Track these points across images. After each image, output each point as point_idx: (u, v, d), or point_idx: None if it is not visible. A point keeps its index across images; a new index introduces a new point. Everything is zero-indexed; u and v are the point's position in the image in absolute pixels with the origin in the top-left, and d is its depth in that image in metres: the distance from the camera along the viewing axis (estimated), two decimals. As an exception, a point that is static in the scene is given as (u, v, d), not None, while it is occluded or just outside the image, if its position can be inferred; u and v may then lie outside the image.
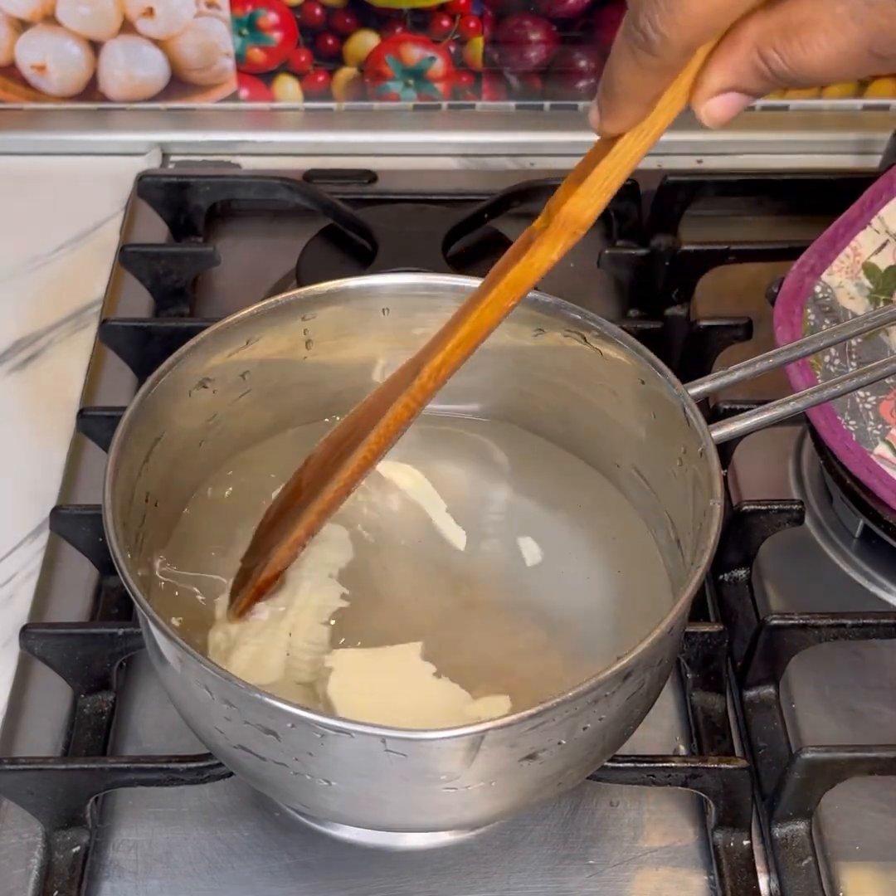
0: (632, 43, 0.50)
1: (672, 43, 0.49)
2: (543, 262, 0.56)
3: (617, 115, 0.54)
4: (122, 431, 0.61)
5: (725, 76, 0.51)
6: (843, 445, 0.73)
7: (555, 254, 0.56)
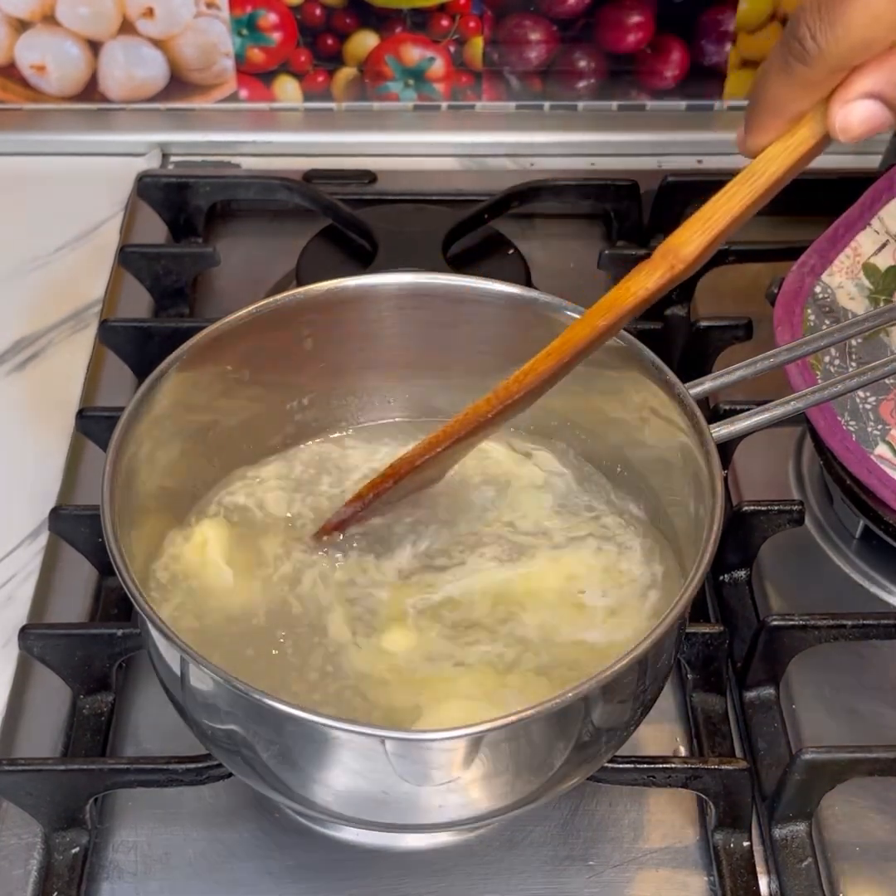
0: (787, 52, 0.52)
1: (827, 55, 0.50)
2: (638, 288, 0.58)
3: (760, 128, 0.55)
4: (121, 432, 0.61)
5: (876, 79, 0.51)
6: (843, 446, 0.73)
7: (651, 282, 0.58)
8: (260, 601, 0.65)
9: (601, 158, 1.04)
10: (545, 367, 0.61)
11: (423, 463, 0.64)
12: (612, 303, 0.59)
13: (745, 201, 0.56)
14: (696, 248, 0.57)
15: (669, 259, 0.57)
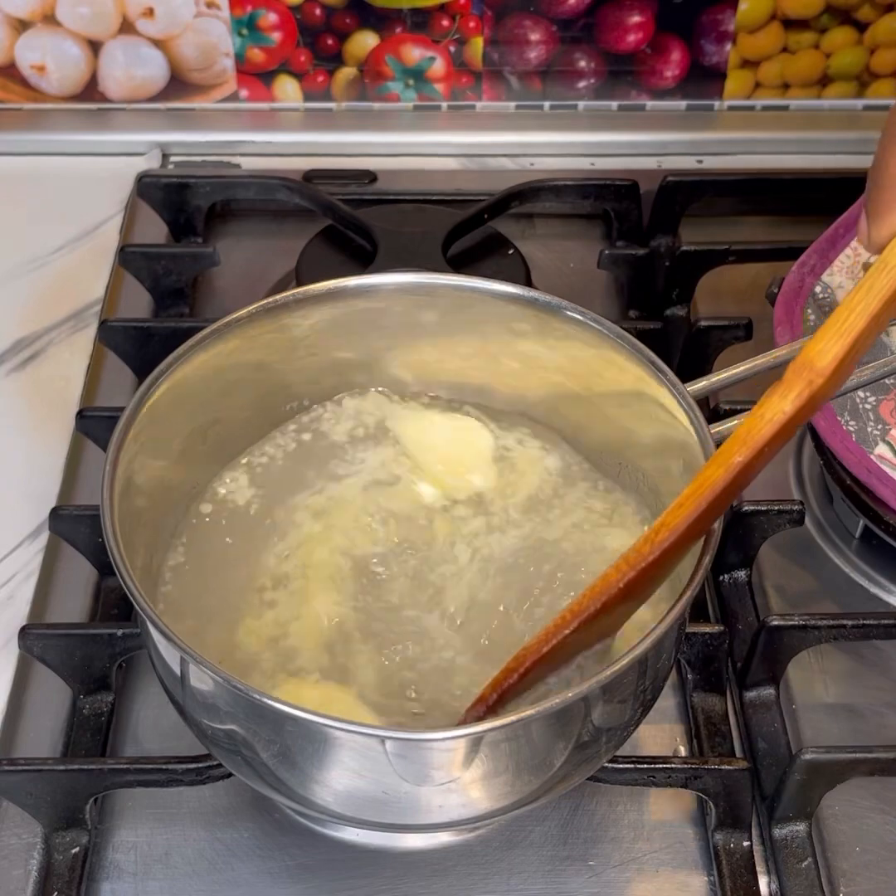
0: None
1: None
2: (775, 412, 0.51)
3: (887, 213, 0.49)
4: (121, 432, 0.61)
5: None
6: (843, 446, 0.73)
7: (787, 403, 0.51)
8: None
9: (601, 158, 1.04)
10: (678, 520, 0.53)
11: (549, 650, 0.55)
12: (747, 435, 0.52)
13: (883, 295, 0.50)
14: (835, 358, 0.50)
15: (805, 375, 0.51)
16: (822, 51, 1.04)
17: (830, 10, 1.02)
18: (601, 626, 0.56)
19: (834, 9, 1.01)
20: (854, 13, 1.02)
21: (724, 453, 0.52)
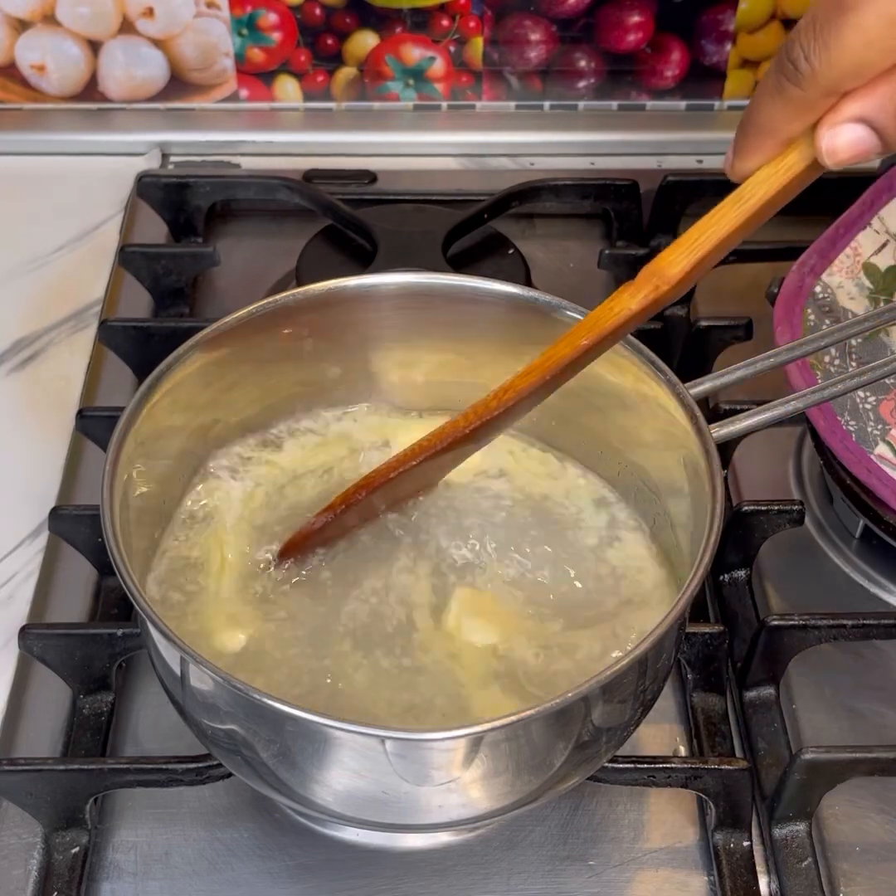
0: (780, 73, 0.51)
1: (821, 77, 0.50)
2: (622, 308, 0.58)
3: (750, 150, 0.55)
4: (121, 431, 0.61)
5: (865, 104, 0.51)
6: (843, 446, 0.73)
7: (634, 303, 0.57)
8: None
9: (601, 158, 1.04)
10: (525, 384, 0.60)
11: (396, 476, 0.64)
12: (595, 322, 0.59)
13: (732, 224, 0.55)
14: (682, 270, 0.56)
15: (654, 280, 0.57)
16: (822, 51, 1.04)
17: (830, 10, 1.02)
18: (436, 466, 0.65)
19: (834, 9, 1.01)
20: (854, 13, 1.02)
21: (573, 335, 0.59)
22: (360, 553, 0.66)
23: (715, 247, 0.56)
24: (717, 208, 0.56)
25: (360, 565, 0.66)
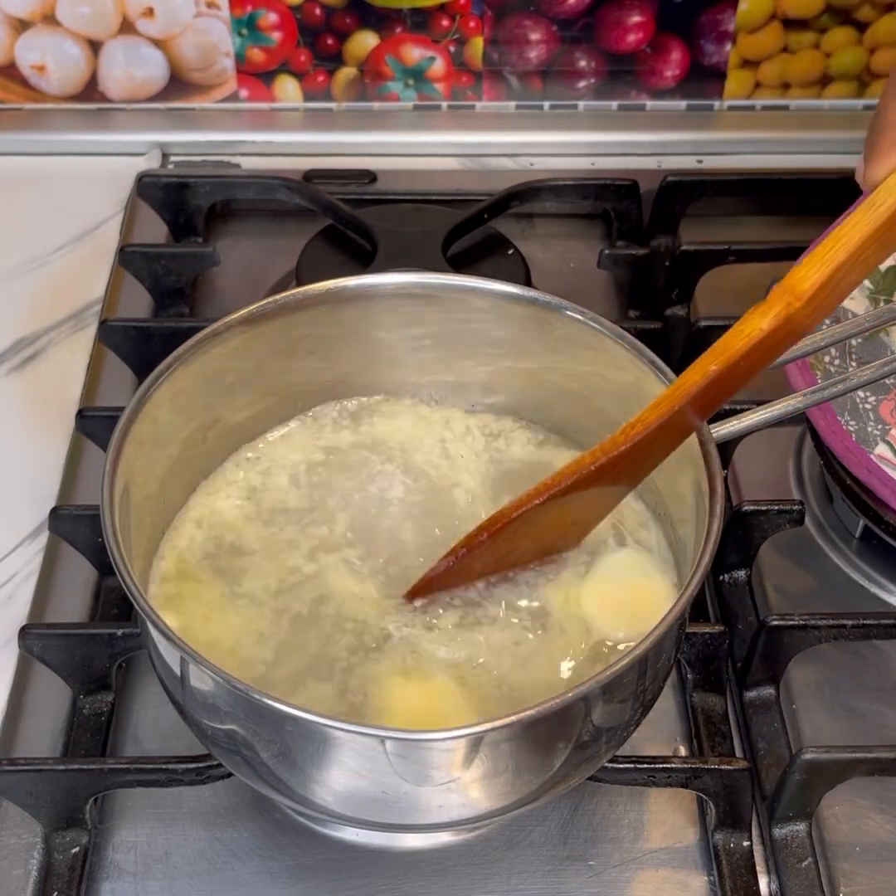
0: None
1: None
2: (752, 328, 0.55)
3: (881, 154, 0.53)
4: (121, 431, 0.61)
5: None
6: (843, 446, 0.73)
7: (765, 323, 0.54)
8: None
9: (601, 158, 1.04)
10: (653, 417, 0.57)
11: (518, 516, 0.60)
12: (725, 346, 0.55)
13: (864, 232, 0.52)
14: (813, 284, 0.53)
15: (786, 297, 0.54)
16: (822, 51, 1.04)
17: (830, 10, 1.02)
18: (570, 510, 0.60)
19: (834, 9, 1.01)
20: (854, 13, 1.02)
21: (701, 362, 0.56)
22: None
23: (849, 257, 0.53)
24: (849, 218, 0.53)
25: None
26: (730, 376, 0.56)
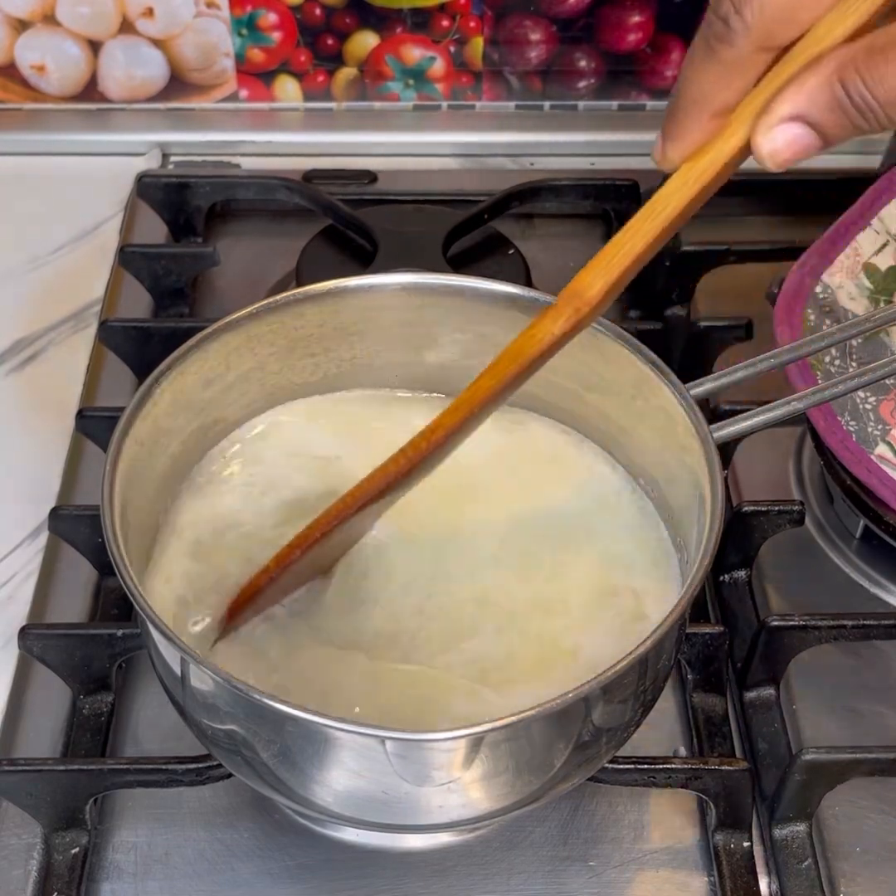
0: (709, 35, 0.50)
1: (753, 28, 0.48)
2: (545, 333, 0.56)
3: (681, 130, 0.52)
4: (121, 432, 0.61)
5: (797, 101, 0.49)
6: (843, 446, 0.73)
7: (556, 327, 0.56)
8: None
9: (601, 158, 1.04)
10: (453, 421, 0.58)
11: (332, 530, 0.61)
12: (518, 351, 0.57)
13: (646, 239, 0.54)
14: (600, 291, 0.56)
15: (574, 303, 0.56)
16: (823, 51, 1.04)
17: (830, 10, 1.01)
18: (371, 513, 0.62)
19: (834, 9, 1.01)
20: (854, 13, 1.02)
21: (497, 366, 0.57)
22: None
23: (632, 262, 0.55)
24: (630, 224, 0.55)
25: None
26: (522, 377, 0.58)
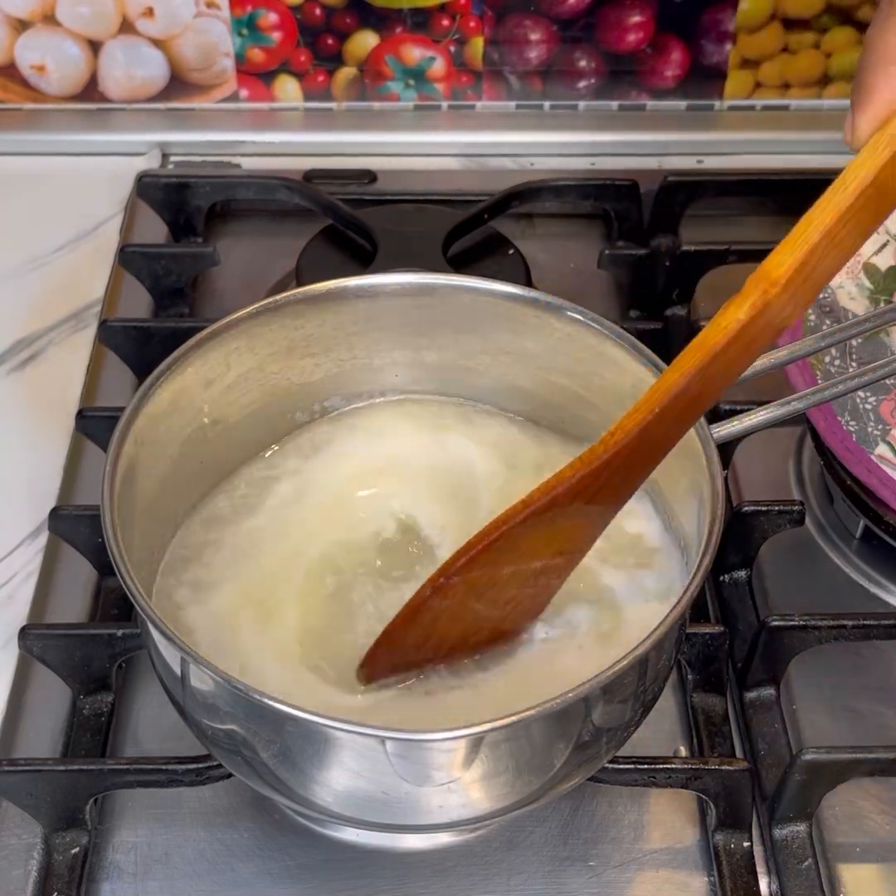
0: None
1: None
2: (729, 321, 0.52)
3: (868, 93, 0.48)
4: (121, 432, 0.61)
5: None
6: (843, 446, 0.73)
7: (741, 312, 0.51)
8: None
9: (601, 158, 1.04)
10: (633, 423, 0.53)
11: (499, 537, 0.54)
12: (702, 342, 0.52)
13: (836, 211, 0.50)
14: (789, 269, 0.51)
15: (761, 285, 0.51)
16: (823, 51, 1.04)
17: (831, 10, 1.02)
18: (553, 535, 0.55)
19: (834, 9, 1.01)
20: (854, 13, 1.02)
21: (680, 360, 0.52)
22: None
23: (822, 237, 0.51)
24: (820, 199, 0.51)
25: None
26: (711, 374, 0.53)
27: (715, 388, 0.54)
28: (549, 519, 0.55)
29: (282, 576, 0.66)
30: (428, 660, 0.59)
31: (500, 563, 0.56)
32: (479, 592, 0.57)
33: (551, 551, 0.57)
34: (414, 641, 0.58)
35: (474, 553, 0.55)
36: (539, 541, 0.56)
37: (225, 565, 0.66)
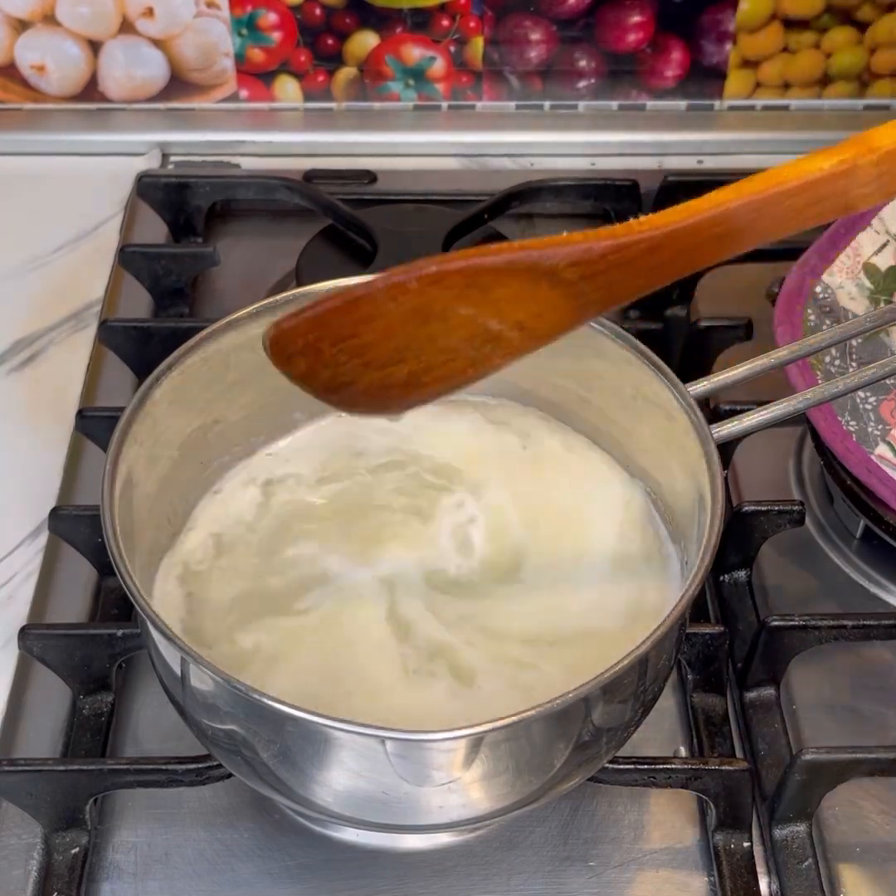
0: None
1: None
2: (812, 165, 0.47)
3: None
4: (121, 432, 0.61)
5: None
6: (844, 446, 0.73)
7: (826, 163, 0.47)
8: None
9: (601, 158, 1.04)
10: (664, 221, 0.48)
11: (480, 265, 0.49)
12: (772, 176, 0.47)
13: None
14: (893, 143, 0.46)
15: (858, 147, 0.47)
16: (823, 51, 1.04)
17: (831, 10, 1.02)
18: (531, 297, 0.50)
19: (834, 9, 1.01)
20: (854, 13, 1.02)
21: (742, 184, 0.48)
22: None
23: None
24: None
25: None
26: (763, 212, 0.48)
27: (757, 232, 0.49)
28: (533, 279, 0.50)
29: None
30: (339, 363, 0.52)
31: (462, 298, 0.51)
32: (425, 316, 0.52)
33: (514, 319, 0.52)
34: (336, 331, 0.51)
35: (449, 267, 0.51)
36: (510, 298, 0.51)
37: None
